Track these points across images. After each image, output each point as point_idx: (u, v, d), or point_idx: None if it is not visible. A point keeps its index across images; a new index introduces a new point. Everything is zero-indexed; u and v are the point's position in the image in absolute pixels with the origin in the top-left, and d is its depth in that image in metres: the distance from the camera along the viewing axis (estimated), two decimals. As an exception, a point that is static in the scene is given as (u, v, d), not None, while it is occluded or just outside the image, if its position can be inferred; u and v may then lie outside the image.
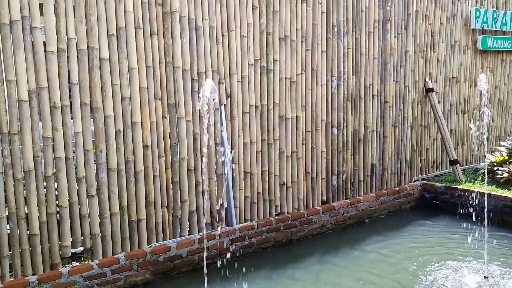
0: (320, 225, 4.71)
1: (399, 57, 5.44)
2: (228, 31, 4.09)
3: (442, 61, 5.96)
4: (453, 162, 5.70)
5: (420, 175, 5.94)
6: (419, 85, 5.76)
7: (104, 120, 3.48)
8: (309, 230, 4.62)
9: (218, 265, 3.80)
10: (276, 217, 4.46)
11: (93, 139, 3.51)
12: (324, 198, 4.98)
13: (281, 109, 4.54)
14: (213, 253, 3.96)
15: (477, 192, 4.98)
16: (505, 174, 5.11)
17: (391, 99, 5.43)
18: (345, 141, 5.05)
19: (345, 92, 4.99)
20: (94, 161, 3.50)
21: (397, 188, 5.40)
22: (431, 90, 5.77)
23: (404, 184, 5.64)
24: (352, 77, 5.03)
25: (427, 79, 5.79)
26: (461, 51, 6.17)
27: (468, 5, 6.15)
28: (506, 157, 5.37)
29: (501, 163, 5.39)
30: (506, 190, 4.97)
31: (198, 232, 4.06)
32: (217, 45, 4.04)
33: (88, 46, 3.37)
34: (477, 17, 6.07)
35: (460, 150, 6.40)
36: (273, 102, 4.47)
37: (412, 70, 5.63)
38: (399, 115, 5.53)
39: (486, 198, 4.75)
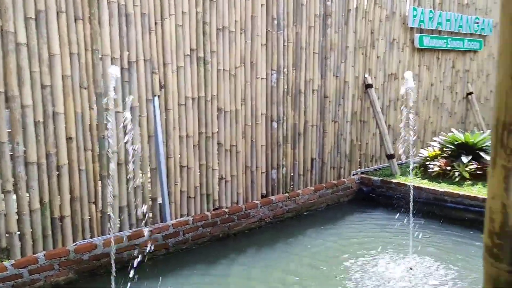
0: (258, 219, 4.68)
1: (339, 53, 5.50)
2: (161, 19, 3.93)
3: (381, 57, 6.10)
4: (390, 157, 5.86)
5: (359, 169, 6.06)
6: (359, 81, 5.86)
7: (22, 109, 3.23)
8: (247, 224, 4.57)
9: (150, 263, 3.67)
10: (213, 211, 4.37)
11: (10, 130, 3.25)
12: (264, 192, 4.95)
13: (219, 102, 4.44)
14: (144, 250, 3.81)
15: (410, 186, 5.14)
16: (436, 169, 5.31)
17: (331, 94, 5.48)
18: (285, 135, 5.04)
19: (285, 86, 4.97)
20: (11, 154, 3.24)
21: (335, 182, 5.48)
22: (370, 86, 5.89)
23: (343, 178, 5.73)
24: (293, 71, 5.03)
25: (366, 75, 5.91)
26: (399, 48, 6.34)
27: (406, 4, 6.32)
28: (438, 152, 5.58)
29: (433, 158, 5.60)
30: (437, 183, 5.16)
31: (130, 229, 3.89)
32: (149, 33, 3.87)
33: (2, 30, 3.11)
34: (414, 16, 6.26)
35: (397, 145, 6.59)
36: (211, 95, 4.37)
37: (352, 66, 5.71)
38: (339, 110, 5.60)
39: (406, 191, 4.91)
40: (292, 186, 5.22)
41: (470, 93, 7.60)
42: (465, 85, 7.59)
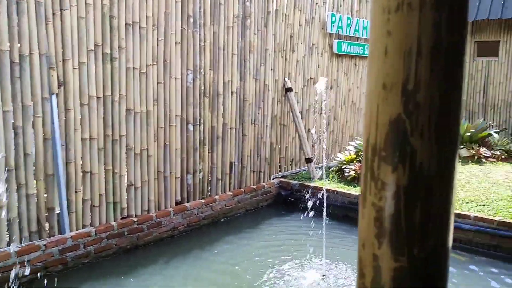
0: (171, 227, 4.42)
1: (259, 55, 5.41)
2: (60, 9, 3.55)
3: (301, 62, 6.12)
4: (308, 161, 5.89)
5: (279, 173, 6.03)
6: (279, 84, 5.83)
7: None
8: (158, 234, 4.30)
9: (43, 281, 3.27)
10: (120, 221, 4.05)
11: None
12: (179, 198, 4.70)
13: (128, 102, 4.13)
14: (37, 267, 3.40)
15: (326, 189, 5.18)
16: (352, 172, 5.41)
17: (251, 97, 5.37)
18: (202, 138, 4.84)
19: (202, 87, 4.77)
20: None
21: (255, 186, 5.38)
22: (290, 90, 5.88)
23: (263, 182, 5.65)
24: (210, 72, 4.84)
25: (286, 79, 5.89)
26: (318, 53, 6.42)
27: (326, 10, 6.41)
28: (354, 156, 5.71)
29: (349, 162, 5.71)
30: (352, 187, 5.26)
31: (21, 243, 3.46)
32: (46, 24, 3.47)
33: None
34: (333, 22, 6.37)
35: (316, 148, 6.67)
36: (119, 94, 4.05)
37: (272, 69, 5.66)
38: (258, 113, 5.51)
39: (323, 195, 4.95)
40: (209, 191, 5.03)
41: (385, 99, 7.92)
42: (380, 91, 7.90)
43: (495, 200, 4.74)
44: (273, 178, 5.85)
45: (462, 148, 7.51)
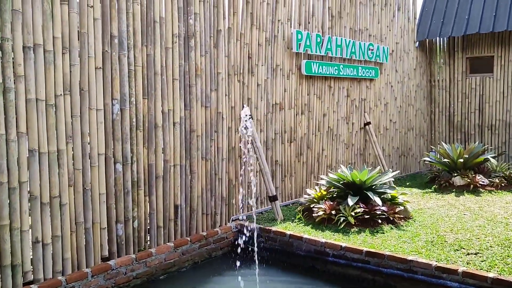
0: (89, 293, 3.60)
1: (208, 79, 4.69)
2: None
3: (262, 85, 5.39)
4: (272, 199, 5.08)
5: (242, 213, 5.22)
6: (236, 112, 5.08)
7: None
8: (70, 303, 3.48)
9: None
10: (16, 290, 3.24)
11: None
12: (106, 253, 3.90)
13: (32, 141, 3.38)
14: None
15: (289, 235, 4.36)
16: (321, 213, 4.60)
17: (200, 128, 4.63)
18: (135, 179, 4.07)
19: (134, 119, 4.03)
20: None
21: (204, 233, 4.56)
22: (250, 117, 5.13)
23: (220, 226, 4.84)
24: (144, 101, 4.11)
25: (245, 105, 5.15)
26: (284, 75, 5.70)
27: (291, 27, 5.73)
28: (324, 193, 4.90)
29: (320, 199, 4.90)
30: (320, 231, 4.43)
31: None
32: None
33: None
34: (299, 40, 5.67)
35: (287, 182, 5.87)
36: (18, 132, 3.31)
37: (226, 95, 4.93)
38: (211, 146, 4.75)
39: (286, 241, 4.13)
40: (148, 242, 4.23)
41: (368, 123, 7.16)
42: (362, 115, 7.15)
43: (490, 246, 3.89)
44: (232, 220, 5.04)
45: (455, 176, 6.68)
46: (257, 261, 4.33)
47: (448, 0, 8.71)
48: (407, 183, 7.45)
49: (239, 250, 4.47)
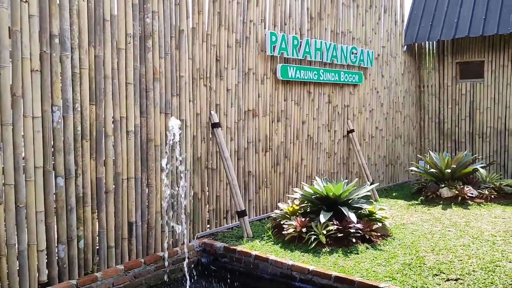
0: (18, 326, 3.18)
1: (169, 83, 4.29)
2: None
3: (233, 90, 5.00)
4: (241, 214, 4.67)
5: (208, 230, 4.81)
6: (202, 119, 4.68)
7: None
8: (-7, 338, 3.06)
9: None
10: None
11: None
12: (45, 278, 3.47)
13: (-49, 153, 2.98)
14: None
15: (255, 256, 3.95)
16: (291, 230, 4.18)
17: (159, 136, 4.22)
18: (80, 194, 3.65)
19: (78, 128, 3.62)
20: None
21: (161, 254, 4.13)
22: (217, 125, 4.73)
23: (182, 244, 4.42)
24: (91, 107, 3.70)
25: (212, 112, 4.75)
26: (258, 80, 5.30)
27: (265, 28, 5.34)
28: (296, 207, 4.49)
29: (292, 214, 4.49)
30: (289, 251, 4.02)
31: None
32: None
33: None
34: (273, 43, 5.28)
35: (262, 194, 5.47)
36: None
37: (190, 100, 4.53)
38: (172, 157, 4.34)
39: (256, 264, 3.71)
40: (97, 264, 3.80)
41: (351, 131, 6.77)
42: (345, 122, 6.76)
43: (473, 270, 3.48)
44: (197, 238, 4.62)
45: (443, 187, 6.30)
46: (222, 284, 3.92)
47: (437, 3, 8.36)
48: (394, 194, 7.06)
49: (201, 271, 4.05)
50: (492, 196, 6.11)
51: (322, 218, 4.15)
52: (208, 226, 4.84)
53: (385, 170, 7.75)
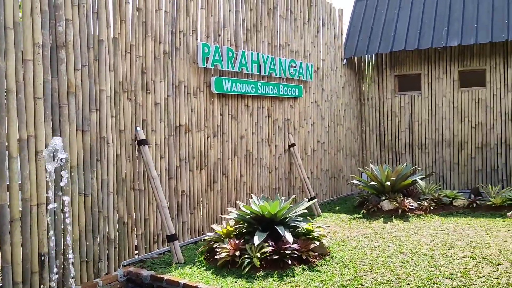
0: None
1: (87, 98, 3.91)
2: None
3: (162, 104, 4.68)
4: (171, 238, 4.32)
5: (136, 256, 4.41)
6: (127, 136, 4.32)
7: None
8: None
9: None
10: None
11: None
12: None
13: None
14: None
15: (183, 285, 3.61)
16: (223, 254, 3.88)
17: (76, 156, 3.81)
18: (-23, 226, 3.18)
19: (-26, 149, 3.17)
20: None
21: (77, 287, 3.70)
22: (144, 142, 4.39)
23: (108, 274, 4.01)
24: (-10, 126, 3.26)
25: (138, 128, 4.40)
26: (190, 93, 5.02)
27: (196, 39, 5.09)
28: (231, 229, 4.21)
29: (226, 236, 4.20)
30: (221, 277, 3.71)
31: None
32: None
33: None
34: (205, 54, 5.03)
35: (198, 214, 5.14)
36: None
37: (113, 116, 4.16)
38: (92, 178, 3.94)
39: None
40: (-1, 304, 3.32)
41: (292, 145, 6.62)
42: (286, 136, 6.60)
43: (410, 290, 3.34)
44: (123, 266, 4.21)
45: (384, 200, 6.26)
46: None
47: (375, 17, 8.51)
48: (337, 208, 6.96)
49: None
50: (431, 208, 6.14)
51: (257, 240, 3.89)
52: (137, 252, 4.45)
53: (328, 183, 7.66)
